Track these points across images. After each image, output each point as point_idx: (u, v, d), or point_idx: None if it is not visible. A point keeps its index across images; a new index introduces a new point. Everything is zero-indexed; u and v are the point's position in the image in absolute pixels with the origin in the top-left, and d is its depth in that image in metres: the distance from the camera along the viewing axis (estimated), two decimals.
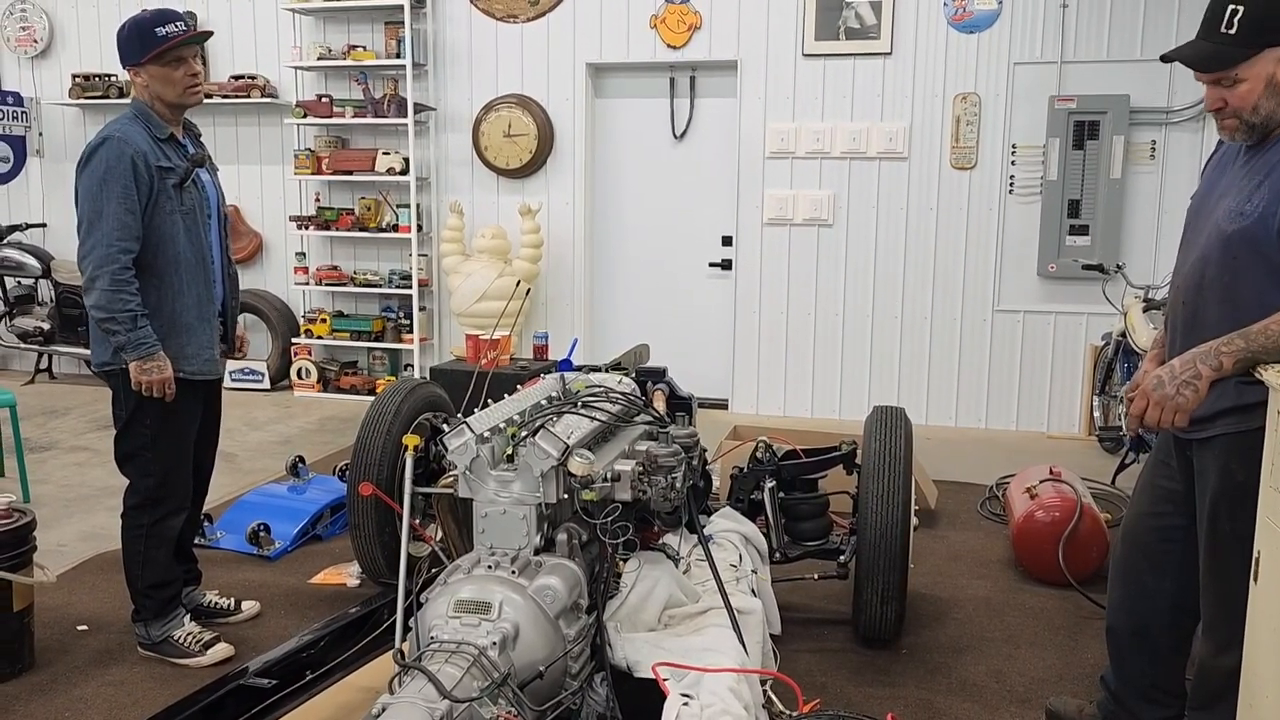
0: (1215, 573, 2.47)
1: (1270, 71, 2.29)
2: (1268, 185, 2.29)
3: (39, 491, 5.11)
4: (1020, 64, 6.36)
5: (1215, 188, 2.49)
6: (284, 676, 2.94)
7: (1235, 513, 2.36)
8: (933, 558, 4.37)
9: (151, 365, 3.17)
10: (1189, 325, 2.45)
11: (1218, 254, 2.36)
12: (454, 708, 2.06)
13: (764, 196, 6.81)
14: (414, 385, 3.82)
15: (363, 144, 7.50)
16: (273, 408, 7.15)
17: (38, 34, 7.95)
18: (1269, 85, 2.29)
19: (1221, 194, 2.44)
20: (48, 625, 3.57)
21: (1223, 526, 2.42)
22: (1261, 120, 2.34)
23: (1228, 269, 2.34)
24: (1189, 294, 2.46)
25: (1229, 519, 2.39)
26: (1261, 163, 2.35)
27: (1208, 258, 2.39)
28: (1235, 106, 2.35)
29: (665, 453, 2.81)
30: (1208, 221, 2.44)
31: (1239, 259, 2.31)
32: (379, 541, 3.63)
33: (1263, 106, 2.32)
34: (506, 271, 6.85)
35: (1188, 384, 2.18)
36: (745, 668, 2.49)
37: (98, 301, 3.13)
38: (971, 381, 6.69)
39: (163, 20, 3.27)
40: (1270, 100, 2.31)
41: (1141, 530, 2.73)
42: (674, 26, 6.81)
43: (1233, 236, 2.32)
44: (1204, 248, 2.42)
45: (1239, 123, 2.37)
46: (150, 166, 3.20)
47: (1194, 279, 2.44)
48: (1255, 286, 2.30)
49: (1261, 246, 2.27)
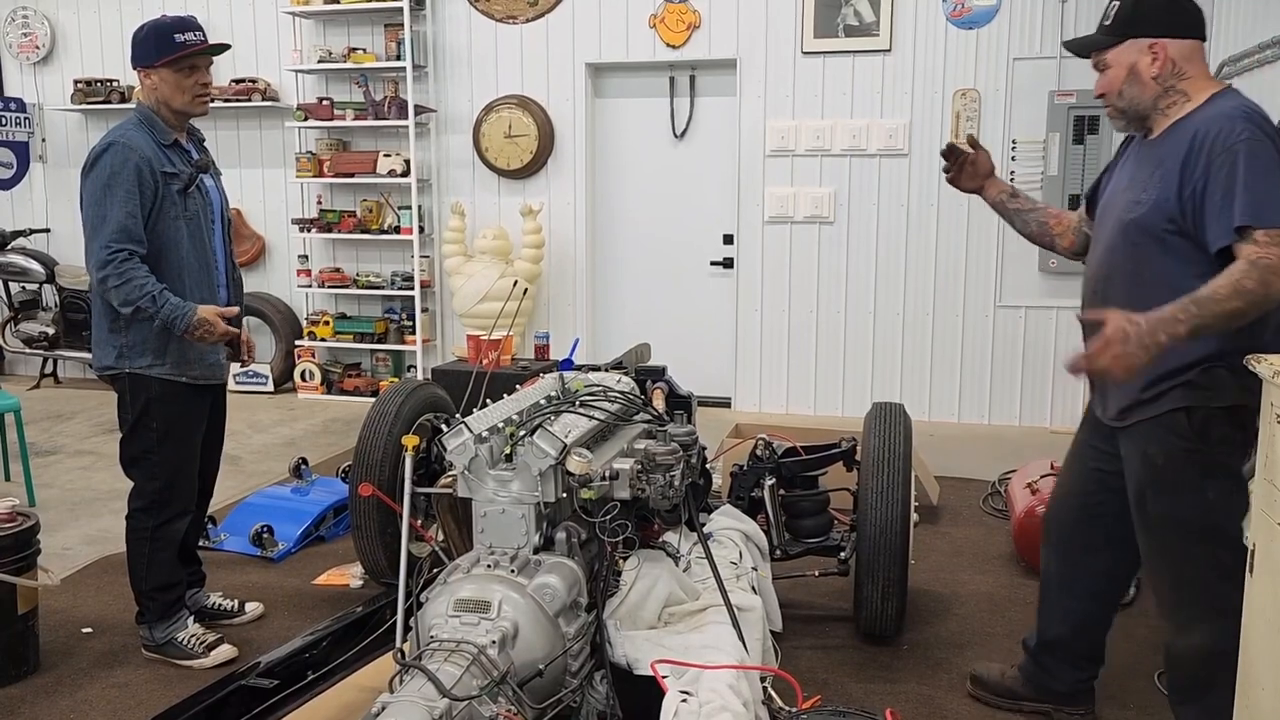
0: (1156, 554, 2.62)
1: (1132, 60, 2.51)
2: (1159, 174, 2.47)
3: (44, 495, 5.13)
4: (1020, 59, 6.35)
5: (1119, 184, 2.67)
6: (287, 677, 2.96)
7: (1159, 496, 2.54)
8: (934, 553, 4.37)
9: (200, 331, 3.19)
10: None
11: (1121, 242, 2.54)
12: (453, 706, 2.07)
13: (765, 194, 6.81)
14: (415, 386, 3.84)
15: (364, 146, 7.51)
16: (276, 410, 7.17)
17: (40, 40, 7.98)
18: (1130, 73, 2.52)
19: (1124, 188, 2.61)
20: (52, 628, 3.59)
21: (1149, 510, 2.57)
22: (1126, 105, 2.56)
23: (1130, 256, 2.52)
24: (1099, 283, 2.63)
25: (1154, 502, 2.56)
26: (1154, 154, 2.53)
27: (1114, 247, 2.57)
28: (1104, 90, 2.59)
29: (663, 451, 2.82)
30: (1112, 214, 2.62)
31: (1139, 245, 2.49)
32: (381, 542, 3.64)
33: (1126, 92, 2.54)
34: (508, 272, 6.86)
35: (1145, 346, 2.27)
36: (745, 664, 2.50)
37: (117, 298, 3.15)
38: (974, 377, 6.69)
39: (183, 27, 3.30)
40: (1132, 87, 2.53)
41: (1070, 509, 2.93)
42: (673, 26, 6.81)
43: (1131, 225, 2.51)
44: (1109, 238, 2.60)
45: (1113, 109, 2.60)
46: (155, 172, 3.21)
47: (1102, 268, 2.61)
48: (1157, 268, 2.48)
49: (1156, 232, 2.45)
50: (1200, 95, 2.49)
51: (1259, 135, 2.34)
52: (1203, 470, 2.47)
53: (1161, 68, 2.49)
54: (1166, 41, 2.48)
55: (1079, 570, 2.91)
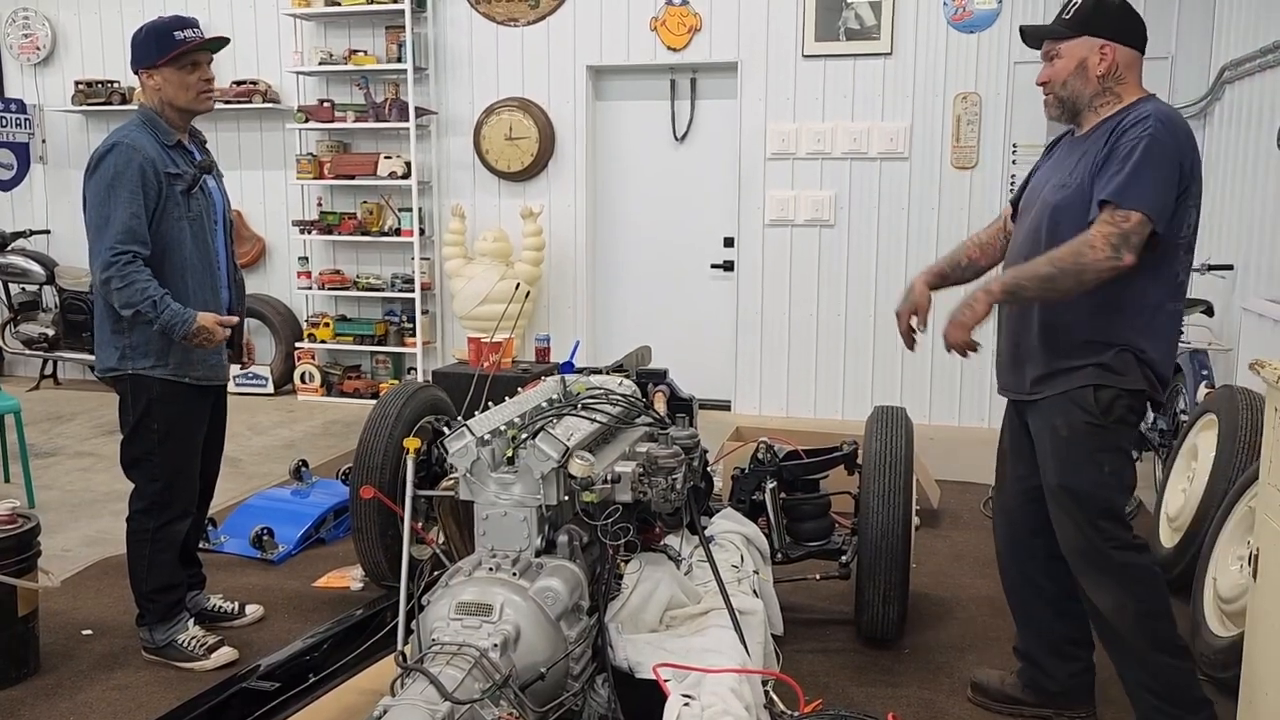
0: (1059, 523, 2.79)
1: (1083, 55, 2.68)
2: (1083, 162, 2.67)
3: (44, 497, 5.12)
4: (1020, 63, 6.35)
5: (1045, 174, 2.86)
6: (287, 680, 2.95)
7: (1062, 466, 2.73)
8: (935, 557, 4.37)
9: (199, 338, 3.20)
10: None
11: (1046, 222, 2.72)
12: (455, 709, 2.07)
13: (765, 197, 6.81)
14: (416, 388, 3.83)
15: (364, 148, 7.51)
16: (276, 412, 7.17)
17: (40, 41, 7.98)
18: (1079, 66, 2.69)
19: (1048, 177, 2.82)
20: (52, 630, 3.58)
21: (1052, 479, 2.77)
22: (1068, 95, 2.73)
23: (1052, 234, 2.68)
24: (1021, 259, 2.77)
25: (1058, 472, 2.74)
26: (1080, 147, 2.73)
27: (1037, 228, 2.75)
28: (1051, 79, 2.75)
29: (665, 454, 2.82)
30: (1038, 199, 2.80)
31: (1061, 224, 2.67)
32: (381, 544, 3.64)
33: (1071, 83, 2.72)
34: (508, 274, 6.85)
35: (968, 306, 2.64)
36: (747, 668, 2.50)
37: (119, 300, 3.15)
38: (975, 380, 6.68)
39: (181, 25, 3.30)
40: (1077, 80, 2.70)
41: (1009, 495, 3.06)
42: (674, 28, 6.82)
43: (1058, 205, 2.70)
44: (1034, 220, 2.78)
45: (1053, 97, 2.77)
46: (159, 173, 3.21)
47: (1027, 246, 2.77)
48: None
49: (1076, 212, 2.64)
50: (1130, 98, 2.69)
51: (1165, 134, 2.55)
52: (1100, 445, 2.68)
53: (1108, 69, 2.67)
54: (1117, 46, 2.67)
55: (1032, 555, 3.00)
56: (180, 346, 3.27)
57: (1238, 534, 3.22)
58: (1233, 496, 3.33)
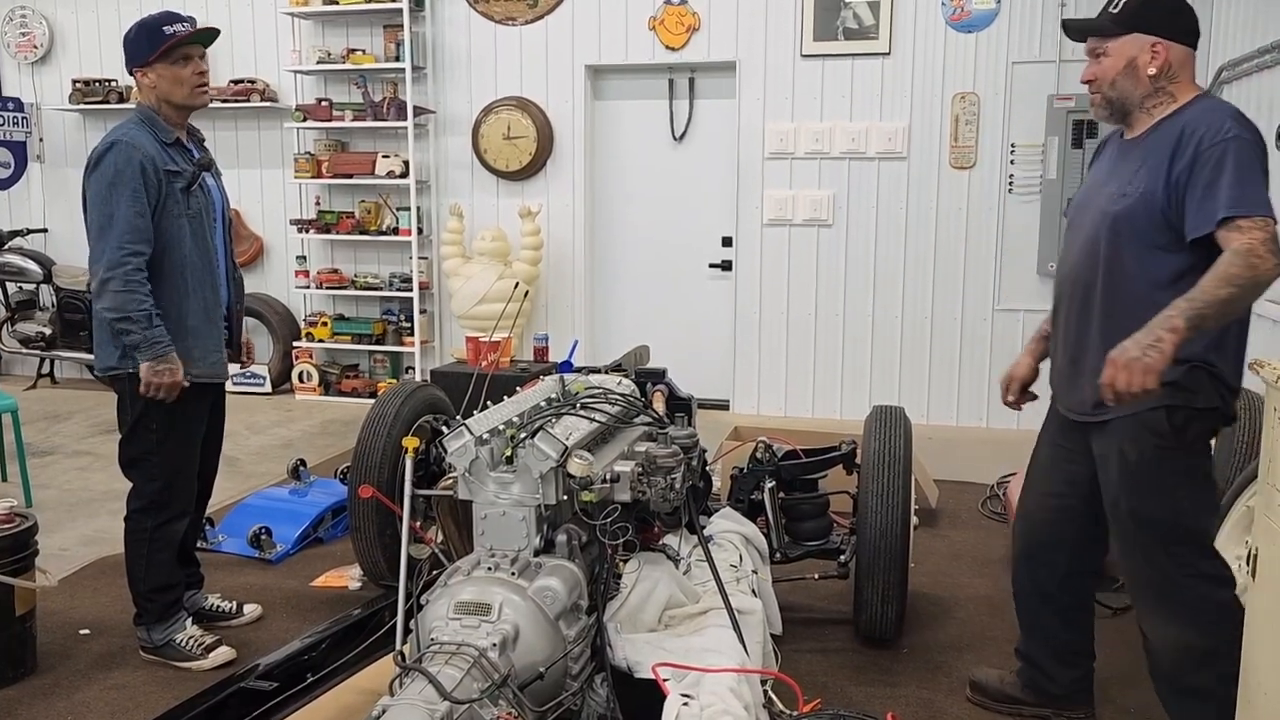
0: (1128, 552, 2.66)
1: (1133, 54, 2.55)
2: (1146, 168, 2.52)
3: (41, 496, 5.11)
4: (1019, 63, 6.36)
5: (1098, 181, 2.73)
6: (286, 679, 2.95)
7: (1133, 493, 2.58)
8: (934, 557, 4.37)
9: (164, 367, 3.18)
10: (1082, 302, 2.67)
11: (1105, 234, 2.58)
12: (454, 709, 2.07)
13: (763, 197, 6.81)
14: (414, 388, 3.83)
15: (362, 147, 7.50)
16: (274, 411, 7.16)
17: (38, 40, 7.97)
18: (1129, 65, 2.56)
19: (1104, 183, 2.67)
20: (50, 629, 3.57)
21: (1122, 507, 2.61)
22: (1117, 96, 2.60)
23: (1112, 247, 2.56)
24: (1080, 271, 2.67)
25: (1127, 499, 2.59)
26: (1139, 150, 2.59)
27: (1095, 239, 2.61)
28: (1098, 78, 2.61)
29: (664, 453, 2.81)
30: (1093, 208, 2.67)
31: (1121, 235, 2.54)
32: (380, 544, 3.64)
33: (1120, 83, 2.58)
34: (506, 274, 6.85)
35: (1152, 346, 2.30)
36: (745, 668, 2.50)
37: (111, 303, 3.13)
38: (972, 380, 6.69)
39: (170, 20, 3.30)
40: (1127, 79, 2.57)
41: (1039, 508, 2.96)
42: (672, 28, 6.82)
43: (1118, 216, 2.55)
44: (1092, 230, 2.63)
45: (1100, 97, 2.63)
46: (159, 170, 3.21)
47: (1084, 259, 2.65)
48: (1135, 261, 2.54)
49: (1141, 222, 2.51)
50: (1185, 97, 2.57)
51: (1244, 134, 2.44)
52: (1176, 470, 2.53)
53: (1160, 68, 2.54)
54: (1169, 43, 2.54)
55: (1050, 567, 2.94)
56: (180, 346, 3.26)
57: (1236, 534, 3.22)
58: (1231, 496, 3.33)
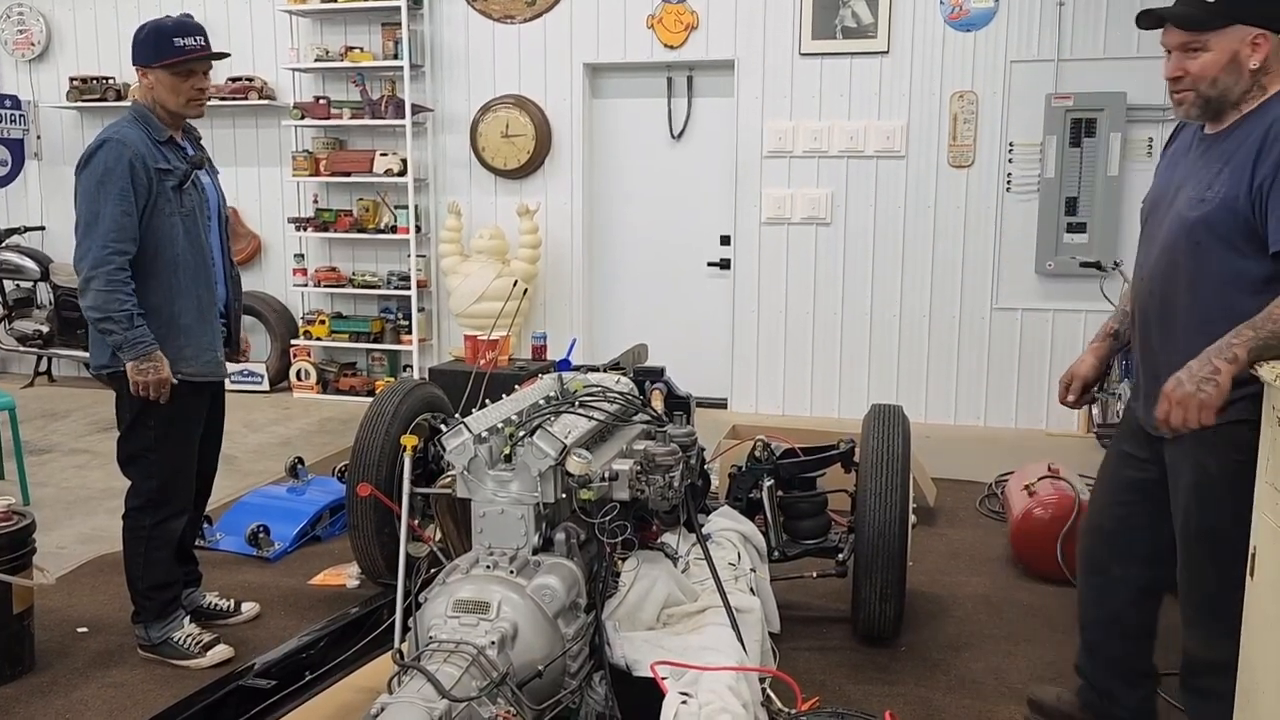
0: (1193, 566, 2.51)
1: (1236, 48, 2.32)
2: (1228, 171, 2.33)
3: (38, 494, 5.11)
4: (1017, 62, 6.36)
5: (1172, 180, 2.53)
6: (284, 677, 2.95)
7: (1206, 507, 2.42)
8: (932, 555, 4.37)
9: (148, 365, 3.17)
10: (1161, 314, 2.50)
11: (1183, 241, 2.40)
12: (453, 707, 2.07)
13: (762, 195, 6.81)
14: (412, 386, 3.83)
15: (360, 145, 7.50)
16: (272, 409, 7.15)
17: (35, 37, 7.95)
18: (1231, 61, 2.33)
19: (1179, 184, 2.47)
20: (47, 627, 3.57)
21: (1194, 522, 2.46)
22: (1217, 94, 2.37)
23: (1192, 255, 2.38)
24: (1158, 283, 2.50)
25: (1200, 513, 2.44)
26: (1220, 150, 2.39)
27: (1173, 246, 2.43)
28: (1194, 76, 2.37)
29: (663, 452, 2.81)
30: (1169, 212, 2.48)
31: (1202, 244, 2.35)
32: (378, 542, 3.64)
33: (1221, 80, 2.35)
34: (505, 272, 6.85)
35: (1208, 380, 2.19)
36: (744, 666, 2.50)
37: (94, 302, 3.13)
38: (970, 379, 6.70)
39: (183, 31, 3.28)
40: (1229, 76, 2.34)
41: (1107, 520, 2.81)
42: (671, 26, 6.81)
43: (1196, 223, 2.36)
44: (1168, 237, 2.46)
45: (1195, 95, 2.40)
46: (149, 169, 3.20)
47: (1162, 268, 2.48)
48: (1219, 269, 2.36)
49: (1223, 230, 2.32)
50: (1272, 89, 2.36)
51: None
52: (1251, 487, 2.31)
53: (1262, 61, 2.32)
54: (1268, 34, 2.32)
55: (1117, 581, 2.79)
56: (175, 343, 3.26)
57: None
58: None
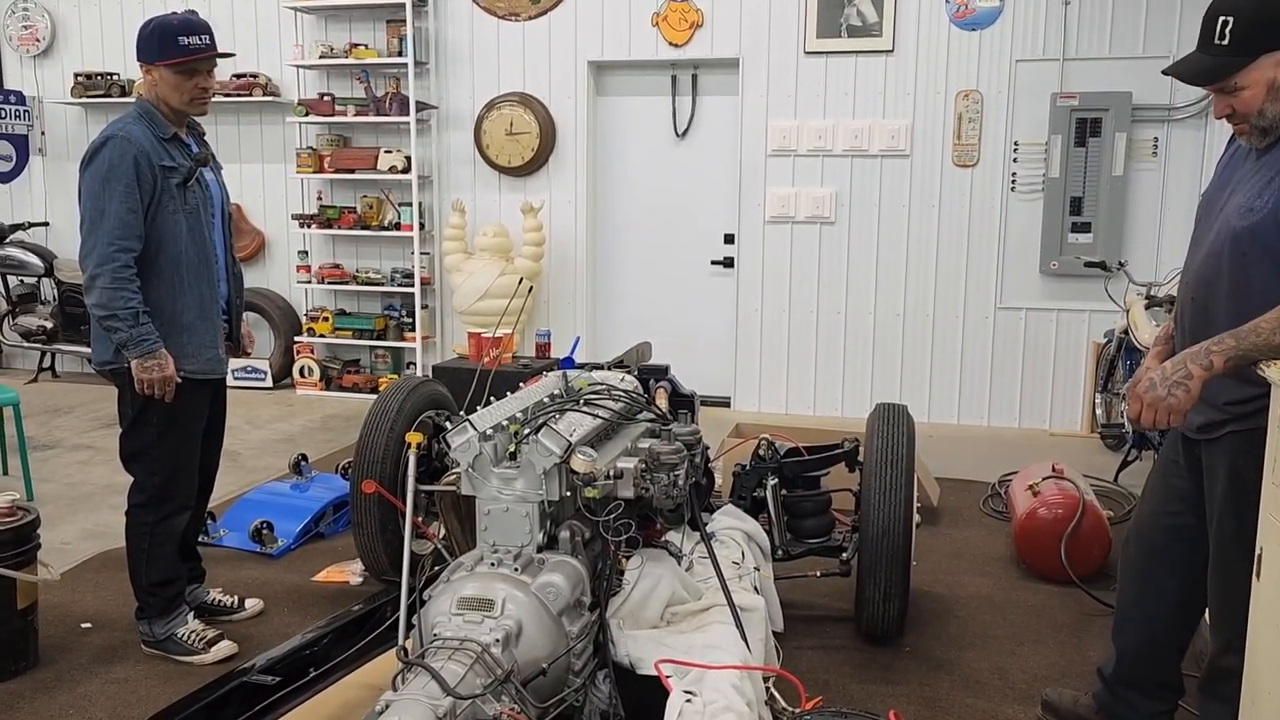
0: (1219, 571, 2.48)
1: (1270, 76, 2.32)
2: (1278, 182, 2.30)
3: (42, 490, 5.11)
4: (1022, 61, 6.35)
5: (1227, 184, 2.50)
6: (287, 674, 2.95)
7: (1241, 511, 2.37)
8: (935, 555, 4.37)
9: (153, 363, 3.17)
10: (1199, 321, 2.47)
11: (1228, 250, 2.37)
12: (457, 704, 2.07)
13: (766, 194, 6.81)
14: (416, 383, 3.83)
15: (365, 142, 7.50)
16: (275, 406, 7.16)
17: (40, 33, 7.96)
18: (1270, 89, 2.33)
19: (1232, 190, 2.45)
20: (51, 623, 3.57)
21: (1228, 525, 2.42)
22: (1269, 123, 2.36)
23: (1237, 264, 2.35)
24: (1199, 290, 2.47)
25: (1234, 517, 2.40)
26: (1272, 159, 2.37)
27: (1219, 253, 2.40)
28: (1242, 112, 2.38)
29: (667, 450, 2.81)
30: (1218, 218, 2.45)
31: (1248, 255, 2.33)
32: (382, 539, 3.64)
33: (1268, 110, 2.34)
34: (508, 270, 6.85)
35: (1179, 384, 2.20)
36: (748, 665, 2.50)
37: (99, 299, 3.13)
38: (974, 379, 6.69)
39: (189, 30, 3.28)
40: (1274, 103, 2.33)
41: (1152, 529, 2.75)
42: (676, 24, 6.81)
43: (1242, 232, 2.34)
44: (1214, 244, 2.43)
45: (1249, 127, 2.40)
46: (153, 165, 3.20)
47: (1204, 275, 2.45)
48: (1264, 282, 2.32)
49: (1268, 239, 2.29)
50: None
51: None
52: None
53: None
54: None
55: (1159, 592, 2.75)
56: (177, 340, 3.26)
57: None
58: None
